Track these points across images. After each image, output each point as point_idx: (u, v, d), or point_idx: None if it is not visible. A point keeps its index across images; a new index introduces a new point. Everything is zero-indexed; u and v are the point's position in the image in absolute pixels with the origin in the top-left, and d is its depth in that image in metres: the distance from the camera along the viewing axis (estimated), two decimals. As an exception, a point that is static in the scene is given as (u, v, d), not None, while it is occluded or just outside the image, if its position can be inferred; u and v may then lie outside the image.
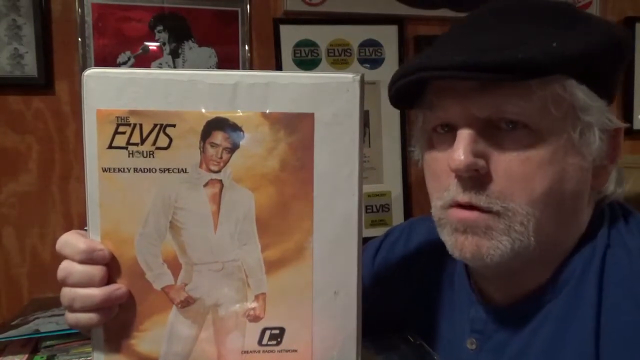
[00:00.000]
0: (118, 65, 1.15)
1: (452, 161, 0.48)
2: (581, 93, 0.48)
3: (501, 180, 0.48)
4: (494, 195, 0.48)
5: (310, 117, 0.44)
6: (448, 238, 0.52)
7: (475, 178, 0.49)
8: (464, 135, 0.48)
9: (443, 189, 0.52)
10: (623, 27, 0.46)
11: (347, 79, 0.44)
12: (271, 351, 0.46)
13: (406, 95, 0.53)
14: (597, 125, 0.49)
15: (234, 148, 0.44)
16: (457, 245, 0.51)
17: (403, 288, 0.67)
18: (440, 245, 0.54)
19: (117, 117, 0.43)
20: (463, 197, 0.49)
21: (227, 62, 1.22)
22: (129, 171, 0.44)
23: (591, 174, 0.52)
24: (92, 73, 0.44)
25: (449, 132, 0.52)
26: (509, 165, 0.48)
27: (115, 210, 0.44)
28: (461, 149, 0.48)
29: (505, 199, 0.48)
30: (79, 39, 1.14)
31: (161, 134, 0.44)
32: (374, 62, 1.31)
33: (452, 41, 0.52)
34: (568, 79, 0.47)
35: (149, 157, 0.44)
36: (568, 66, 0.47)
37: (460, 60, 0.46)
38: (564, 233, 0.52)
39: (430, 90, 0.53)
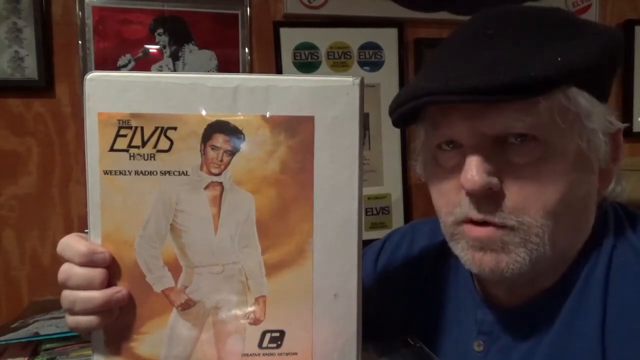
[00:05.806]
0: (118, 68, 1.15)
1: (466, 182, 0.47)
2: (583, 100, 0.48)
3: (515, 195, 0.48)
4: (508, 210, 0.48)
5: (310, 120, 0.44)
6: (464, 254, 0.52)
7: (488, 195, 0.48)
8: (475, 155, 0.48)
9: (453, 205, 0.51)
10: (617, 28, 0.46)
11: (347, 82, 0.44)
12: (271, 354, 0.46)
13: (409, 115, 0.52)
14: (600, 130, 0.49)
15: (234, 151, 0.44)
16: (475, 261, 0.51)
17: (407, 290, 0.67)
18: (443, 247, 0.54)
19: (119, 120, 0.44)
20: (477, 216, 0.49)
21: (227, 65, 1.22)
22: (130, 174, 0.44)
23: (598, 177, 0.52)
24: (94, 76, 0.44)
25: (454, 148, 0.51)
26: (522, 180, 0.48)
27: (116, 213, 0.45)
28: (474, 169, 0.47)
29: (519, 213, 0.48)
30: (80, 42, 1.14)
31: (162, 136, 0.44)
32: (374, 65, 1.32)
33: (454, 58, 0.51)
34: (570, 88, 0.47)
35: (150, 159, 0.44)
36: (573, 77, 0.47)
37: (470, 83, 0.45)
38: (574, 237, 0.53)
39: (433, 108, 0.52)
